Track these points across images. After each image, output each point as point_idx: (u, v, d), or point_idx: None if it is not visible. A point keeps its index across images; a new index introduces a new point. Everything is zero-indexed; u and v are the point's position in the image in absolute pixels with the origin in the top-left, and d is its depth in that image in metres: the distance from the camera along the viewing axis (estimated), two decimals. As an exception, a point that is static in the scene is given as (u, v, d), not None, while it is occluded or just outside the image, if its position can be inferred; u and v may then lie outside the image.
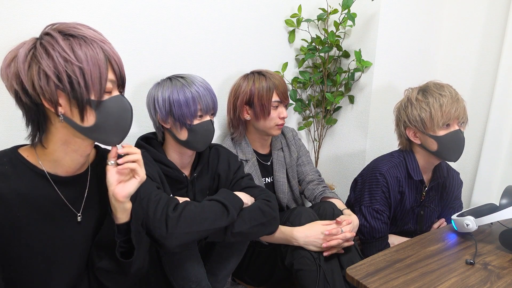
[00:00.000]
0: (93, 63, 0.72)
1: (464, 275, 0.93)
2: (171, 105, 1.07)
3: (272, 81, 1.37)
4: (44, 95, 0.71)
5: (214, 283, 1.18)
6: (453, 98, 1.24)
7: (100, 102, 0.75)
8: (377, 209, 1.34)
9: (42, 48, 0.71)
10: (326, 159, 1.98)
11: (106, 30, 1.27)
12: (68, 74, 0.71)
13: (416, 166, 1.36)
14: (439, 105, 1.23)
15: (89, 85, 0.73)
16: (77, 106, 0.73)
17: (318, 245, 1.15)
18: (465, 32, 1.81)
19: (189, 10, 1.44)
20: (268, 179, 1.50)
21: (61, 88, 0.71)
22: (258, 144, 1.49)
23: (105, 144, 0.82)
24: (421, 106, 1.26)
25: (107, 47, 0.76)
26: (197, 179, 1.21)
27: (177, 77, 1.11)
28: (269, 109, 1.37)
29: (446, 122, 1.24)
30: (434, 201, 1.44)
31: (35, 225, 0.77)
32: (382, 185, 1.33)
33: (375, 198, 1.34)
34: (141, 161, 0.81)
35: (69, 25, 0.74)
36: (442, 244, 1.10)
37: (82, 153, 0.81)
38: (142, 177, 0.81)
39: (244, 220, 1.06)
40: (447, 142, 1.25)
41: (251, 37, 1.65)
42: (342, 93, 1.79)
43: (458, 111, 1.23)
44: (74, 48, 0.71)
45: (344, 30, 1.74)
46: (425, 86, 1.31)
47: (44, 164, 0.78)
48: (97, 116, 0.75)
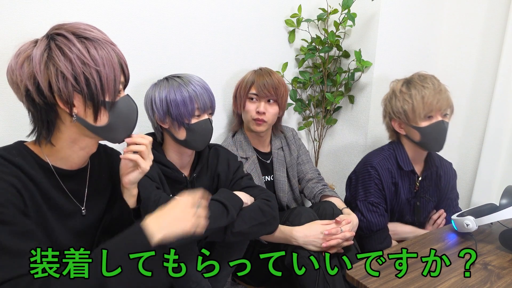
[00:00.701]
0: (108, 66, 0.75)
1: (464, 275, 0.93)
2: (168, 105, 1.07)
3: (259, 77, 1.39)
4: (61, 96, 0.72)
5: (214, 283, 1.18)
6: (435, 89, 1.26)
7: (113, 103, 0.79)
8: (372, 202, 1.35)
9: (58, 50, 0.71)
10: (326, 159, 1.98)
11: (106, 30, 1.26)
12: (86, 77, 0.73)
13: (406, 157, 1.38)
14: (421, 97, 1.26)
15: (104, 87, 0.75)
16: (92, 107, 0.76)
17: (318, 245, 1.15)
18: (465, 32, 1.81)
19: (189, 10, 1.44)
20: (268, 177, 1.50)
21: (78, 90, 0.73)
22: (257, 142, 1.50)
23: (111, 141, 0.85)
24: (404, 98, 1.30)
25: (117, 49, 0.79)
26: (196, 180, 1.21)
27: (173, 77, 1.12)
28: (245, 100, 1.40)
29: (428, 114, 1.27)
30: (429, 191, 1.44)
31: (43, 216, 0.78)
32: (375, 177, 1.35)
33: (369, 191, 1.36)
34: (145, 153, 0.84)
35: (80, 27, 0.75)
36: (442, 244, 1.10)
37: (89, 151, 0.84)
38: (144, 168, 0.84)
39: (244, 220, 1.06)
40: (429, 133, 1.29)
41: (251, 37, 1.65)
42: (342, 93, 1.79)
43: (440, 103, 1.26)
44: (90, 50, 0.73)
45: (344, 30, 1.74)
46: (410, 78, 1.34)
47: (50, 158, 0.80)
48: (110, 116, 0.79)
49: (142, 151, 0.83)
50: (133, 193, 0.88)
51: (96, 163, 0.91)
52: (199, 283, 1.08)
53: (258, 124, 1.41)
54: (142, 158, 0.83)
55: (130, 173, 0.85)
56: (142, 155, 0.83)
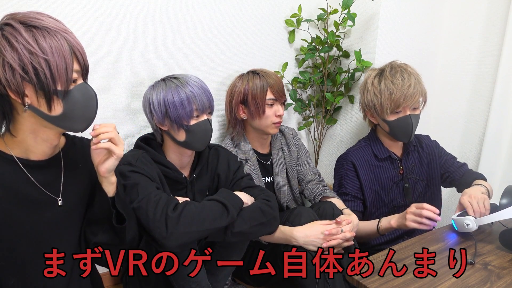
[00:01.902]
0: (58, 54, 0.74)
1: (464, 275, 0.93)
2: (166, 107, 1.07)
3: (266, 80, 1.37)
4: (10, 87, 0.72)
5: (214, 283, 1.18)
6: (403, 86, 1.29)
7: (67, 91, 0.77)
8: (344, 192, 1.42)
9: (5, 40, 0.71)
10: (326, 159, 1.98)
11: (106, 30, 1.27)
12: (34, 66, 0.72)
13: (380, 145, 1.45)
14: (389, 93, 1.30)
15: (55, 76, 0.74)
16: (44, 96, 0.75)
17: (318, 245, 1.15)
18: (465, 32, 1.81)
19: (189, 10, 1.44)
20: (268, 178, 1.50)
21: (27, 79, 0.72)
22: (257, 144, 1.49)
23: (72, 131, 0.85)
24: (374, 92, 1.34)
25: (71, 37, 0.77)
26: (196, 180, 1.21)
27: (171, 78, 1.11)
28: (264, 107, 1.37)
29: (395, 110, 1.32)
30: (415, 171, 1.47)
31: (15, 210, 0.79)
32: (347, 168, 1.42)
33: (342, 183, 1.43)
34: (116, 138, 0.82)
35: (30, 15, 0.74)
36: (442, 244, 1.10)
37: (51, 142, 0.83)
38: (118, 154, 0.82)
39: (244, 220, 1.06)
40: (396, 126, 1.34)
41: (251, 37, 1.65)
42: (342, 93, 1.79)
43: (407, 100, 1.29)
44: (38, 39, 0.72)
45: (344, 30, 1.74)
46: (382, 69, 1.38)
47: (15, 151, 0.80)
48: (64, 105, 0.77)
49: (113, 137, 0.81)
50: (111, 180, 0.86)
51: (71, 153, 0.91)
52: (199, 283, 1.08)
53: (277, 127, 1.42)
54: (114, 144, 0.81)
55: (106, 161, 0.82)
56: (113, 141, 0.81)
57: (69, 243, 0.89)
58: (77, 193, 0.91)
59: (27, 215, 0.81)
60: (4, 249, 0.80)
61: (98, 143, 0.80)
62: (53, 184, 0.86)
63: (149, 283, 1.10)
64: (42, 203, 0.84)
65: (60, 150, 0.89)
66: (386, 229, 1.31)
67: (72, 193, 0.89)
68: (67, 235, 0.89)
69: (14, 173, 0.80)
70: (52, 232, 0.85)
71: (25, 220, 0.81)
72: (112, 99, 1.35)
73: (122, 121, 1.39)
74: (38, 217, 0.83)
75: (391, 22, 1.66)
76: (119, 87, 1.35)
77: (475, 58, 1.79)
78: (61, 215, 0.87)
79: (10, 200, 0.79)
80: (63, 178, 0.88)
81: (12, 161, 0.80)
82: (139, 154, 1.08)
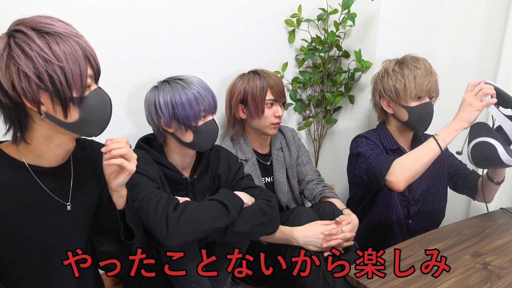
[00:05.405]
0: (72, 60, 0.73)
1: (464, 275, 0.93)
2: (174, 108, 1.07)
3: (267, 80, 1.37)
4: (26, 95, 0.71)
5: (214, 283, 1.18)
6: (427, 71, 1.31)
7: (82, 98, 0.77)
8: (376, 148, 1.34)
9: (18, 48, 0.70)
10: (326, 159, 1.98)
11: (106, 30, 1.27)
12: (49, 74, 0.71)
13: (390, 136, 1.43)
14: (413, 76, 1.30)
15: (70, 83, 0.73)
16: (60, 104, 0.74)
17: (318, 245, 1.15)
18: (465, 32, 1.81)
19: (189, 10, 1.44)
20: (268, 179, 1.50)
21: (43, 88, 0.71)
22: (257, 144, 1.49)
23: (87, 136, 0.84)
24: (396, 77, 1.33)
25: (82, 41, 0.76)
26: (197, 181, 1.21)
27: (175, 79, 1.11)
28: (263, 107, 1.37)
29: (418, 94, 1.32)
30: None
31: (24, 216, 0.79)
32: (366, 142, 1.37)
33: (369, 147, 1.34)
34: (129, 154, 0.80)
35: (40, 20, 0.73)
36: (442, 244, 1.10)
37: (65, 148, 0.83)
38: (130, 170, 0.81)
39: (245, 220, 1.06)
40: (417, 113, 1.33)
41: (251, 37, 1.65)
42: (342, 93, 1.79)
43: (430, 84, 1.31)
44: (52, 46, 0.71)
45: (344, 30, 1.74)
46: (402, 59, 1.38)
47: (27, 158, 0.80)
48: (80, 111, 0.77)
49: (125, 153, 0.79)
50: (122, 194, 0.86)
51: (81, 158, 0.91)
52: (200, 283, 1.08)
53: (275, 127, 1.41)
54: (127, 161, 0.80)
55: (118, 177, 0.82)
56: (126, 157, 0.80)
57: (77, 247, 0.88)
58: (86, 197, 0.90)
59: (37, 221, 0.81)
60: (13, 254, 0.79)
61: (111, 158, 0.79)
62: (63, 189, 0.86)
63: (149, 283, 1.10)
64: (52, 209, 0.83)
65: (70, 155, 0.88)
66: (449, 135, 1.17)
67: (81, 198, 0.89)
68: (75, 240, 0.88)
69: (24, 179, 0.79)
70: (60, 237, 0.84)
71: (34, 226, 0.80)
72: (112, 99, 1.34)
73: (122, 122, 1.39)
74: (47, 222, 0.82)
75: (391, 22, 1.66)
76: (119, 87, 1.35)
77: (475, 58, 1.79)
78: (70, 221, 0.86)
79: (20, 206, 0.78)
80: (72, 183, 0.87)
81: (23, 168, 0.79)
82: (140, 155, 1.08)
